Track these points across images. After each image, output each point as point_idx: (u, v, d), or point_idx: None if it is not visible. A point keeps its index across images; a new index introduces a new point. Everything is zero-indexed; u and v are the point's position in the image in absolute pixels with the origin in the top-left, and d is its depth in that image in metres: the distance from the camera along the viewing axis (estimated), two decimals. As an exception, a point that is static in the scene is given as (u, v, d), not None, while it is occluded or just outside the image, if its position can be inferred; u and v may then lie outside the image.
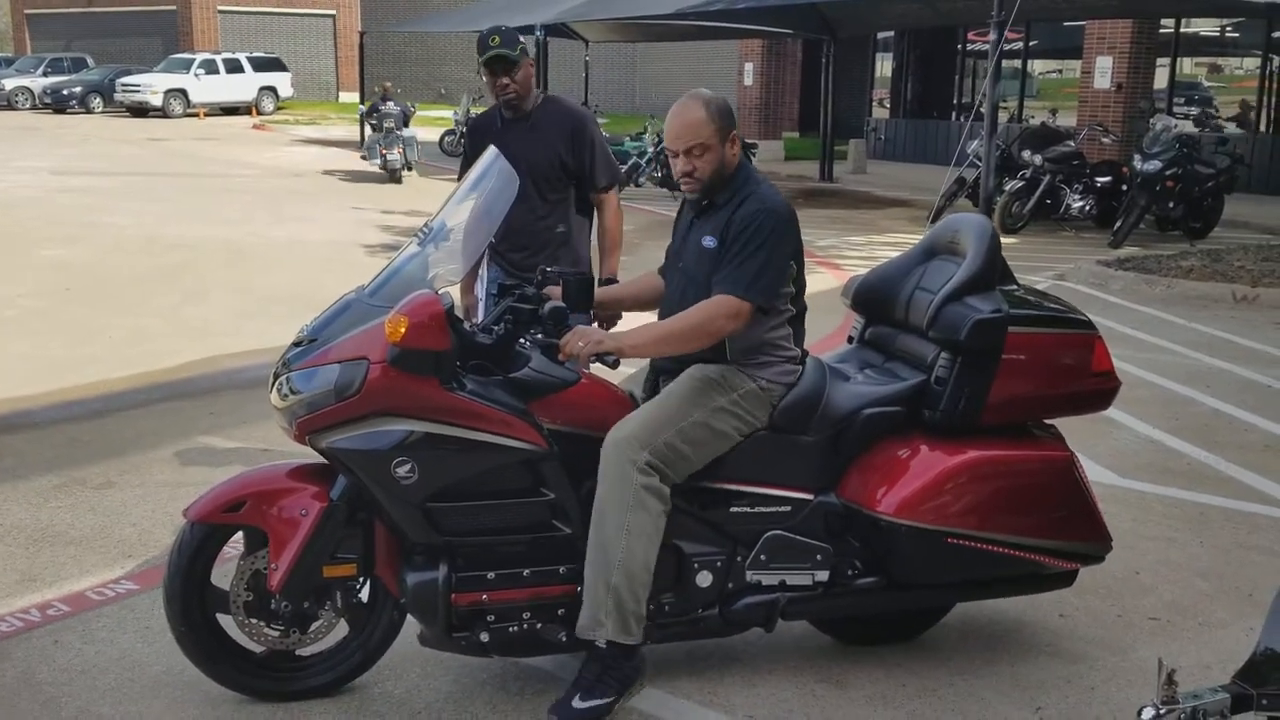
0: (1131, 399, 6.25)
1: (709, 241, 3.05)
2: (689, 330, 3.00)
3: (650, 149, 16.23)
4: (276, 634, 3.04)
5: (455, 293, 3.66)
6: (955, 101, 22.10)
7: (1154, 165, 11.85)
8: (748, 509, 3.14)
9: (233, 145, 23.29)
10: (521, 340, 3.02)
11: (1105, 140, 14.81)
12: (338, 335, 2.90)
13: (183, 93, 31.70)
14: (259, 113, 32.54)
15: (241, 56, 33.56)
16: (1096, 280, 9.94)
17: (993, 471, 3.14)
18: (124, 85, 31.95)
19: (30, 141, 22.50)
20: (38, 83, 34.50)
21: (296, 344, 2.99)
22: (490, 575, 2.97)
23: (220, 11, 39.20)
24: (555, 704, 2.98)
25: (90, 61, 36.83)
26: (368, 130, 19.23)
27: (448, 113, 26.72)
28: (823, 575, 3.17)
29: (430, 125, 27.84)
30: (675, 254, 3.23)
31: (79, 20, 41.67)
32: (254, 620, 3.02)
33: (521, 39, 4.08)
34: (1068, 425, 3.40)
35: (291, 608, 3.00)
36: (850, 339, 3.69)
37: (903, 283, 3.47)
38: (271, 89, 33.33)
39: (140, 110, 31.40)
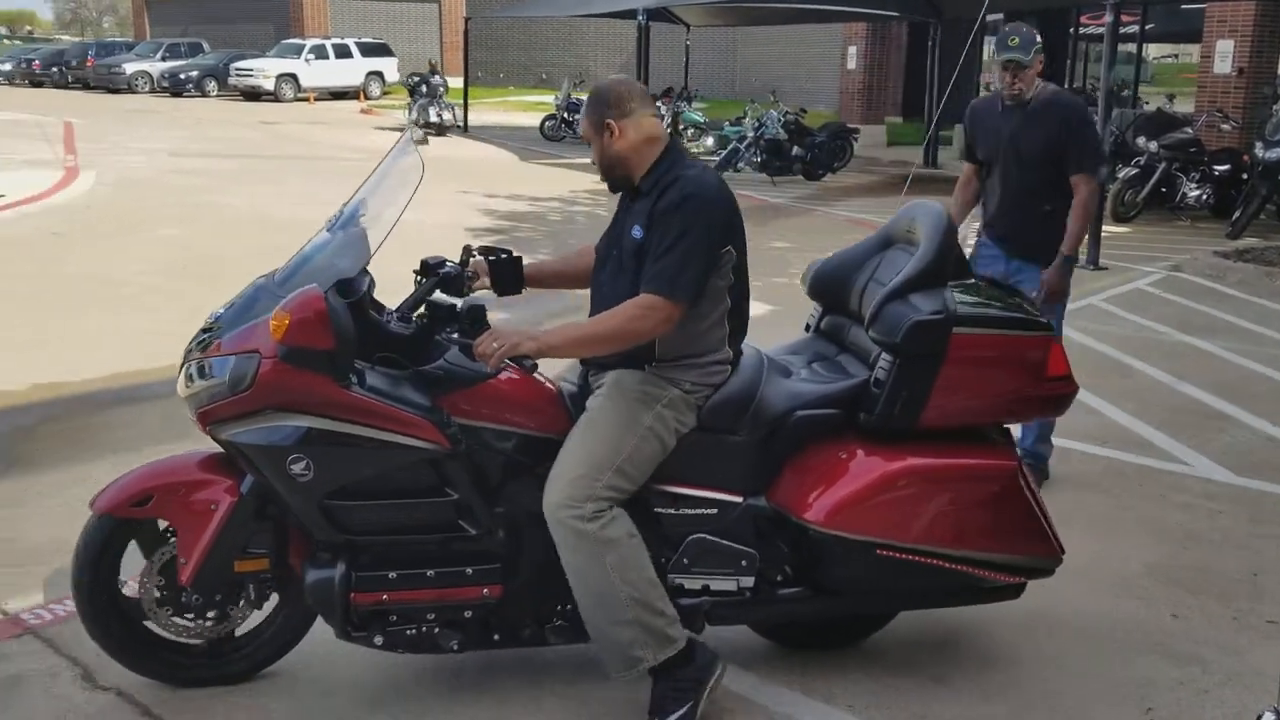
0: (1248, 394, 6.03)
1: (636, 232, 2.90)
2: (613, 332, 2.84)
3: (750, 134, 16.13)
4: (205, 621, 3.01)
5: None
6: (1067, 86, 21.50)
7: (1276, 153, 11.38)
8: (671, 510, 2.99)
9: (341, 129, 23.81)
10: (439, 334, 2.90)
11: (1225, 127, 14.28)
12: (242, 324, 2.83)
13: (293, 77, 32.49)
14: (366, 97, 33.19)
15: (350, 42, 34.25)
16: (1213, 272, 9.59)
17: (928, 480, 2.95)
18: (237, 70, 32.89)
19: (149, 124, 23.31)
20: (156, 67, 35.71)
21: (206, 330, 2.94)
22: (392, 575, 2.87)
23: (330, -2, 40.09)
24: None
25: (206, 46, 37.99)
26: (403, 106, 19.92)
27: (548, 98, 26.88)
28: (748, 581, 3.01)
29: (531, 111, 28.09)
30: (608, 241, 3.06)
31: (196, 6, 43.03)
32: (172, 618, 2.99)
33: (1039, 40, 4.45)
34: (1177, 422, 3.28)
35: (203, 600, 2.96)
36: (808, 327, 3.54)
37: (858, 272, 3.32)
38: (378, 74, 33.94)
39: (253, 94, 32.29)
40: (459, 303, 2.86)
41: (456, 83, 25.32)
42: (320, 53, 33.14)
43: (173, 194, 13.18)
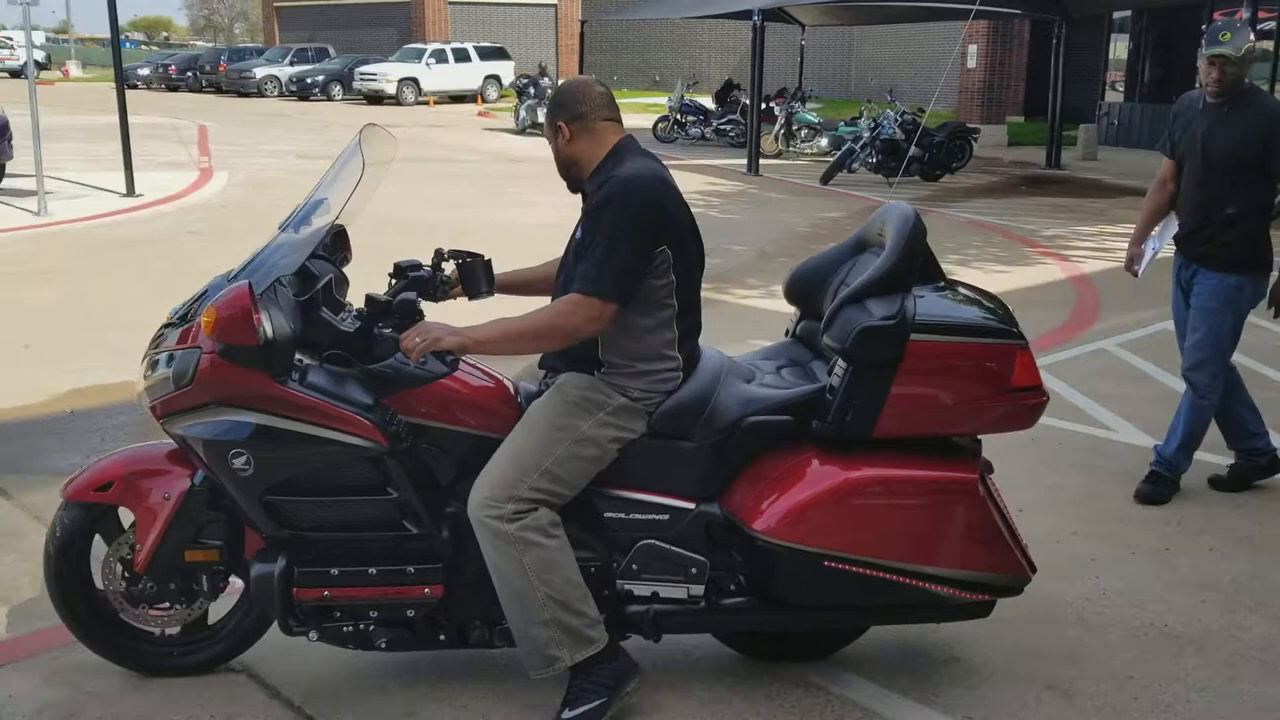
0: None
1: (579, 233, 2.88)
2: (540, 329, 2.79)
3: (865, 134, 15.94)
4: (163, 610, 3.05)
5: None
6: (1197, 85, 20.66)
7: None
8: (622, 515, 2.93)
9: (457, 131, 24.30)
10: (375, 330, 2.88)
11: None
12: (194, 319, 2.85)
13: (414, 81, 33.27)
14: (483, 100, 33.80)
15: (469, 46, 34.92)
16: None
17: (880, 492, 2.84)
18: (361, 74, 33.83)
19: (278, 127, 24.13)
20: (284, 71, 36.96)
21: (165, 325, 2.98)
22: (334, 572, 2.87)
23: (450, 3, 40.91)
24: None
25: (332, 51, 39.17)
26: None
27: (661, 99, 26.96)
28: (698, 590, 2.94)
29: (643, 113, 28.22)
30: (567, 245, 3.01)
31: (323, 12, 44.38)
32: (133, 608, 3.03)
33: (1251, 38, 4.41)
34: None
35: (157, 588, 3.00)
36: (787, 332, 3.42)
37: (832, 276, 3.20)
38: (495, 77, 34.53)
39: (375, 98, 33.17)
40: (397, 298, 2.88)
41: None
42: (440, 57, 33.86)
43: (300, 194, 13.53)
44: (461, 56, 34.31)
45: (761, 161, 17.34)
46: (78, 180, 13.53)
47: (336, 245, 3.25)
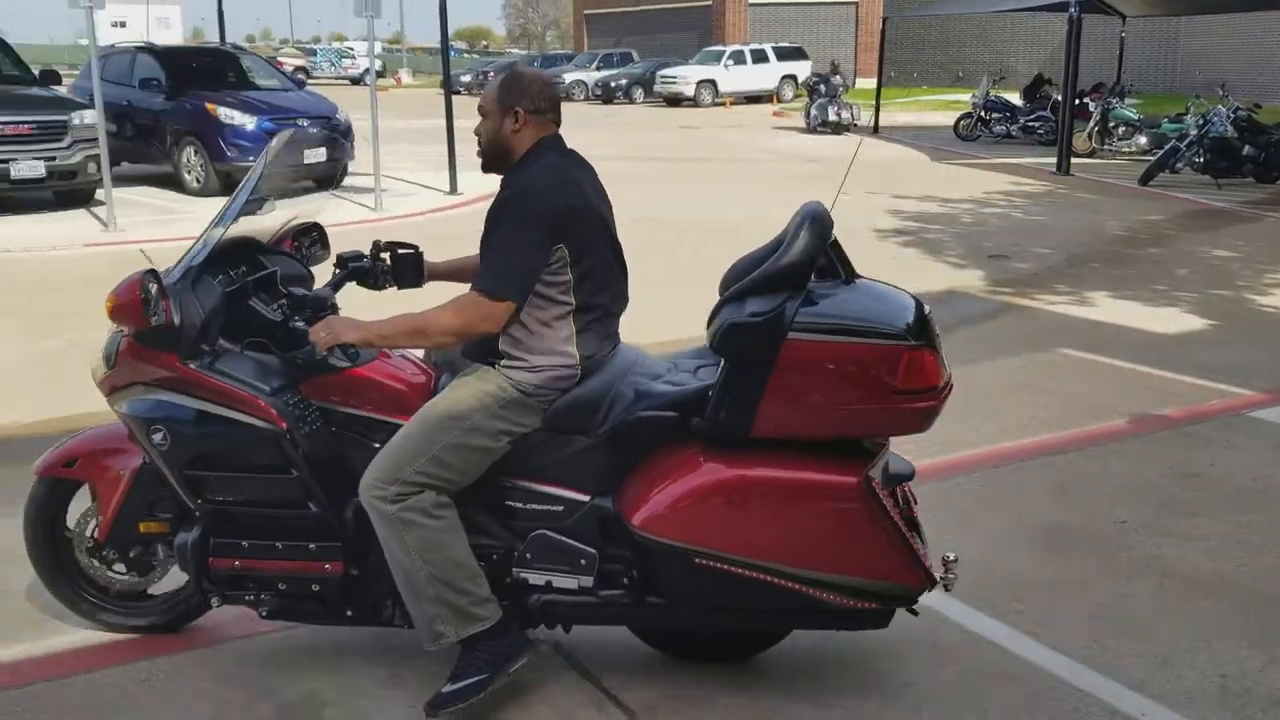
0: None
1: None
2: (436, 326, 2.82)
3: (1192, 131, 14.76)
4: (120, 574, 3.31)
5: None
6: None
7: None
8: (520, 505, 2.96)
9: (750, 131, 24.53)
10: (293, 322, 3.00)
11: None
12: None
13: (712, 83, 33.87)
14: (778, 100, 33.94)
15: (767, 47, 35.16)
16: None
17: (750, 492, 2.76)
18: (662, 77, 34.81)
19: (582, 129, 25.24)
20: (591, 76, 38.63)
21: None
22: (245, 544, 3.03)
23: (751, 5, 41.33)
24: (426, 702, 2.94)
25: (635, 56, 40.55)
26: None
27: (963, 96, 26.08)
28: (587, 581, 2.92)
29: (945, 110, 27.39)
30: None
31: (628, 18, 46.00)
32: (95, 562, 3.30)
33: None
34: None
35: (118, 556, 3.25)
36: None
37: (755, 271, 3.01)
38: (792, 77, 34.57)
39: (674, 100, 34.04)
40: (307, 293, 3.05)
41: (869, 84, 25.22)
42: (739, 58, 34.28)
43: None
44: (759, 57, 34.58)
45: (1073, 160, 16.44)
46: (408, 179, 14.73)
47: (312, 242, 3.46)
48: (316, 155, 13.38)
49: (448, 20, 13.98)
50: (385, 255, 3.31)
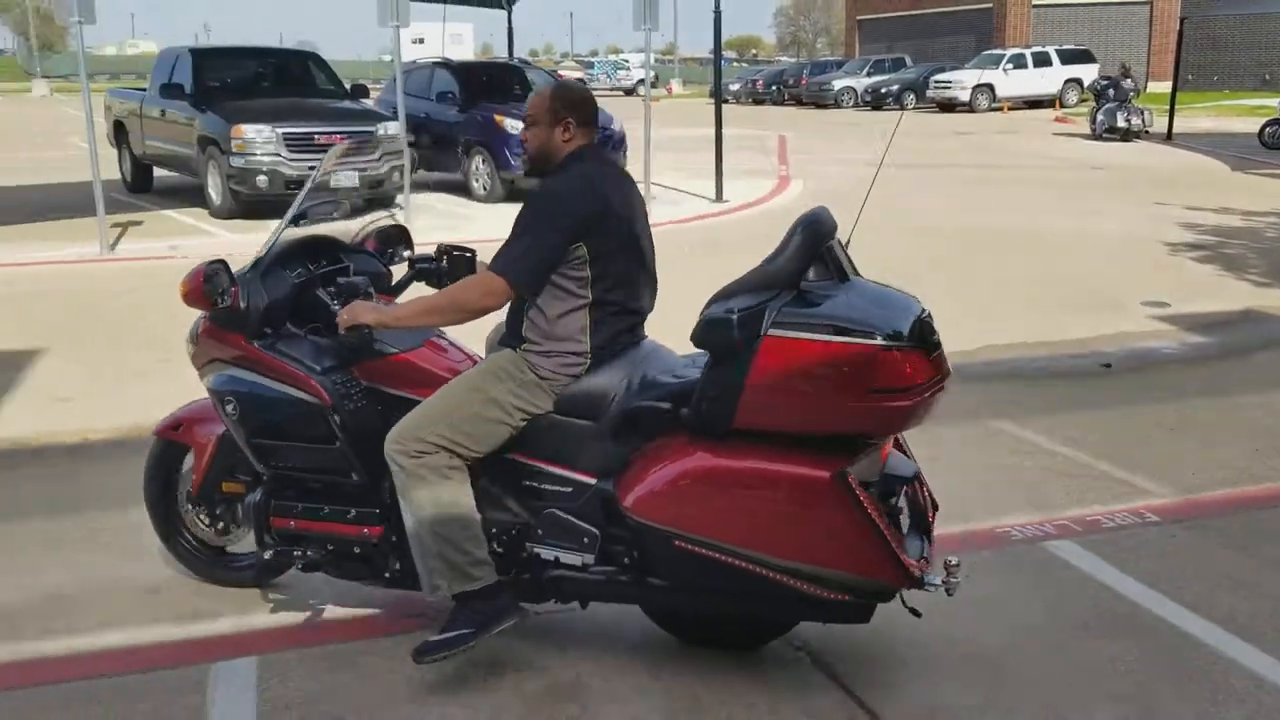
0: None
1: None
2: (447, 304, 3.12)
3: None
4: (207, 526, 3.71)
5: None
6: None
7: None
8: (535, 484, 3.18)
9: (1028, 138, 23.49)
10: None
11: None
12: None
13: (989, 87, 32.69)
14: (1061, 105, 32.32)
15: (1050, 49, 33.55)
16: None
17: (725, 480, 2.89)
18: (935, 82, 33.90)
19: (851, 136, 24.99)
20: (860, 82, 38.12)
21: None
22: (299, 506, 3.38)
23: (1035, 6, 39.56)
24: (414, 649, 3.15)
25: (908, 61, 39.67)
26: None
27: (1270, 101, 23.95)
28: (589, 558, 3.11)
29: (1248, 116, 25.25)
30: None
31: (902, 22, 45.08)
32: (192, 515, 3.73)
33: None
34: None
35: (206, 511, 3.67)
36: None
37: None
38: (1076, 81, 32.83)
39: (948, 105, 33.09)
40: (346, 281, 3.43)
41: (1161, 87, 23.61)
42: (1019, 62, 32.91)
43: (870, 200, 14.03)
44: (1041, 60, 33.04)
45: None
46: (675, 187, 15.09)
47: (394, 241, 3.79)
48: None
49: (721, 30, 14.21)
50: (444, 258, 3.68)
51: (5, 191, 14.60)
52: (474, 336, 3.49)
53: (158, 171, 14.86)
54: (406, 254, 3.81)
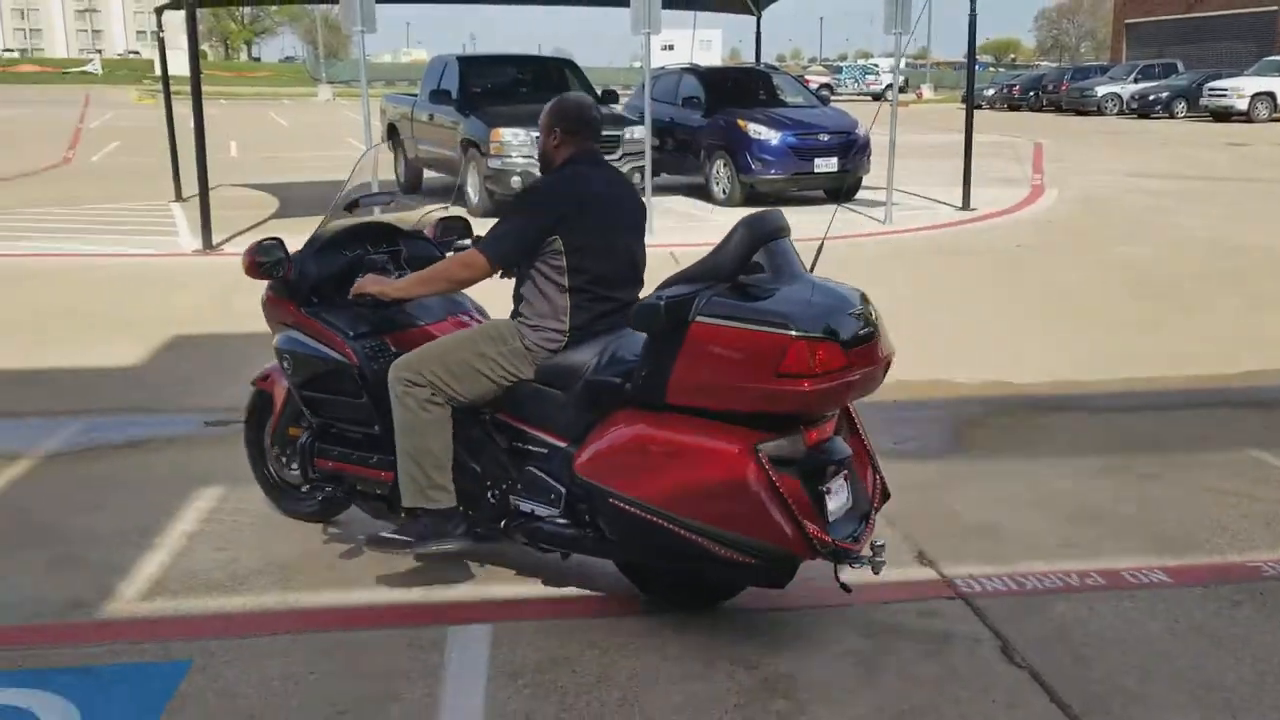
0: None
1: None
2: (435, 275, 3.66)
3: None
4: (281, 464, 4.33)
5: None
6: None
7: None
8: (521, 445, 3.61)
9: (1321, 150, 21.54)
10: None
11: None
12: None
13: (1270, 96, 30.21)
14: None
15: (1346, 53, 30.65)
16: None
17: (652, 448, 3.23)
18: (1210, 90, 31.61)
19: (1112, 145, 23.69)
20: (1126, 89, 36.00)
21: None
22: (336, 451, 3.98)
23: (1328, 6, 36.24)
24: (369, 536, 3.76)
25: (1180, 67, 37.15)
26: None
27: None
28: (555, 513, 3.51)
29: None
30: None
31: (1175, 26, 42.27)
32: (270, 449, 4.35)
33: None
34: None
35: (279, 450, 4.30)
36: None
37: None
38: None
39: (1223, 114, 30.79)
40: (376, 259, 4.06)
41: None
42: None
43: (1129, 214, 13.31)
44: (1337, 66, 30.25)
45: None
46: (919, 193, 14.77)
47: (454, 230, 4.28)
48: (828, 164, 13.89)
49: (976, 34, 13.80)
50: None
51: (291, 187, 15.96)
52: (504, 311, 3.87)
53: (427, 173, 15.84)
54: (466, 241, 4.20)
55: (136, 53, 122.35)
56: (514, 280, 3.67)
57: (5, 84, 70.57)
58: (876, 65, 57.83)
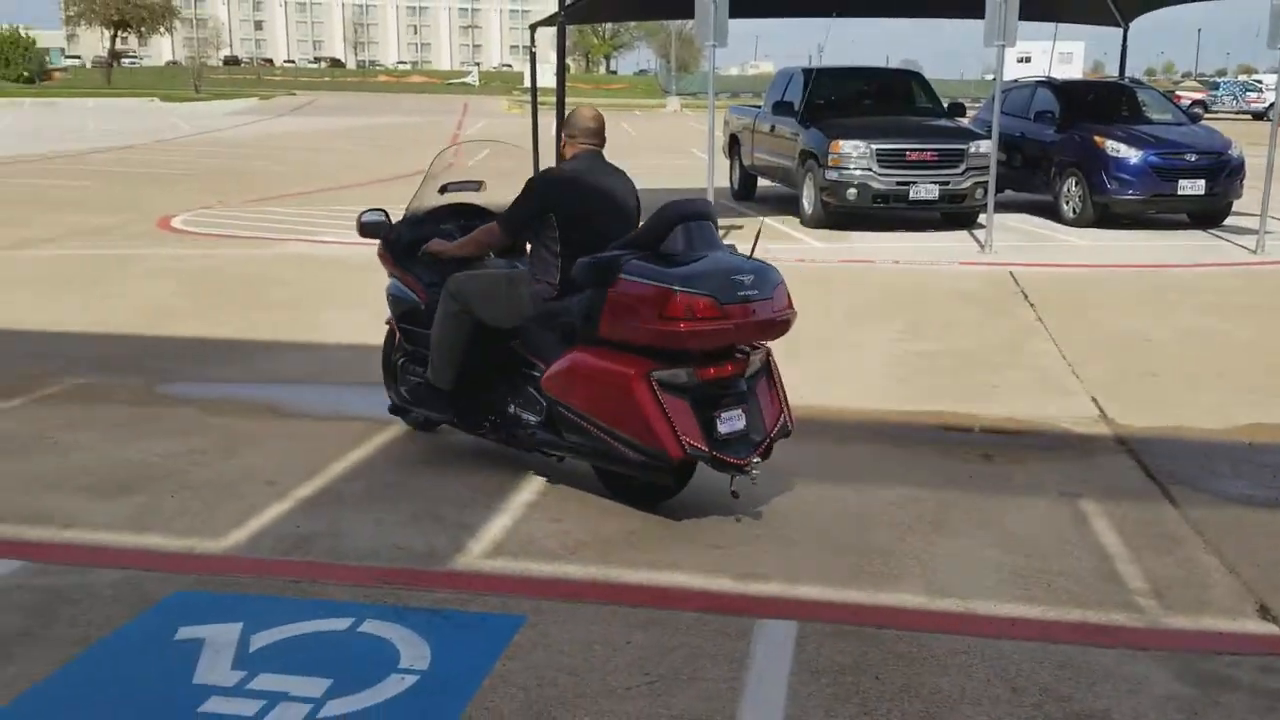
0: None
1: None
2: (469, 241, 5.04)
3: None
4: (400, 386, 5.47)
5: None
6: None
7: None
8: (525, 370, 4.75)
9: None
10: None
11: None
12: None
13: None
14: None
15: None
16: None
17: (582, 370, 4.36)
18: None
19: None
20: None
21: None
22: (415, 367, 5.19)
23: None
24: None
25: None
26: None
27: None
28: (539, 419, 4.69)
29: None
30: None
31: None
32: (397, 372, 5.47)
33: None
34: None
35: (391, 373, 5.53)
36: None
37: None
38: None
39: None
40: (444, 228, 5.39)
41: None
42: None
43: None
44: None
45: None
46: (1298, 222, 13.37)
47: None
48: (1194, 187, 12.90)
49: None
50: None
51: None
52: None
53: (760, 182, 16.18)
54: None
55: (509, 66, 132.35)
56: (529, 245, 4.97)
57: (396, 92, 78.14)
58: (1260, 82, 52.56)
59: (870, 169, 12.77)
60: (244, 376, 6.75)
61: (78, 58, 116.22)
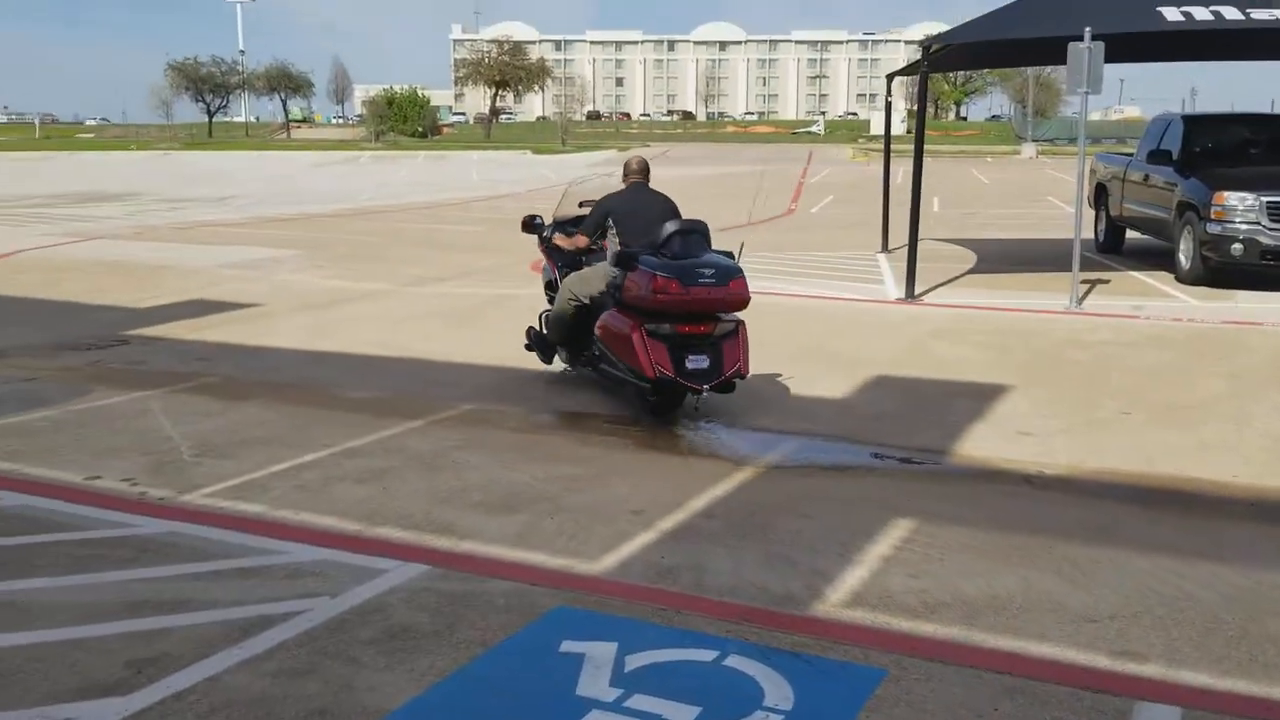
0: None
1: None
2: (569, 239, 7.72)
3: None
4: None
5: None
6: None
7: None
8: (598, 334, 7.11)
9: None
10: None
11: None
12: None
13: None
14: None
15: None
16: None
17: (610, 324, 6.77)
18: None
19: None
20: None
21: None
22: (548, 320, 7.90)
23: None
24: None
25: None
26: None
27: None
28: (599, 355, 7.11)
29: None
30: None
31: None
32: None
33: None
34: None
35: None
36: None
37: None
38: None
39: None
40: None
41: None
42: None
43: None
44: None
45: None
46: None
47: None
48: None
49: None
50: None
51: (987, 243, 16.31)
52: None
53: (1128, 234, 15.21)
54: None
55: (854, 114, 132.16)
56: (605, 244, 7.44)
57: (742, 142, 79.88)
58: None
59: (1259, 223, 11.69)
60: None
61: (462, 114, 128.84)
